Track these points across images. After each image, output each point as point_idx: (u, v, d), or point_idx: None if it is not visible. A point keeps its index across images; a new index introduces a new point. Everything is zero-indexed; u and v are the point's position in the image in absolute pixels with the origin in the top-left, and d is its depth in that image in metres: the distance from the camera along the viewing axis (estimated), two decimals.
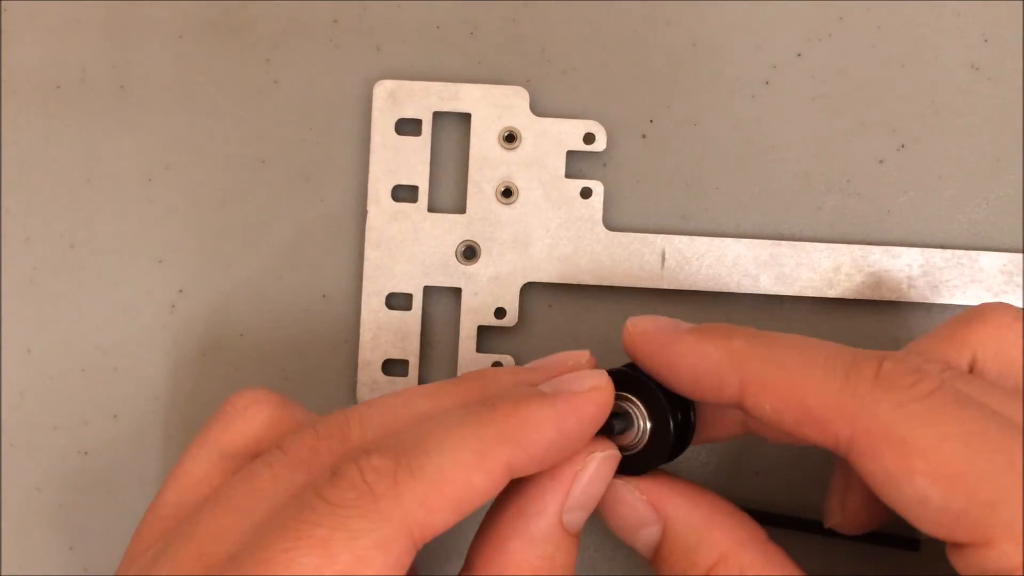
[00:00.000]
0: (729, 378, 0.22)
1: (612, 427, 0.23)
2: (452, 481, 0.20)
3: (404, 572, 0.20)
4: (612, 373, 0.24)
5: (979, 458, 0.19)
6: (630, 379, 0.24)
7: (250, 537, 0.20)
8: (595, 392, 0.23)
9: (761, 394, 0.21)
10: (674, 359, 0.23)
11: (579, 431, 0.22)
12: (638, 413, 0.24)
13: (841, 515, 0.26)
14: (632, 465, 0.24)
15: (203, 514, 0.21)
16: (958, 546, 0.20)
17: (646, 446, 0.24)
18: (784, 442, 0.25)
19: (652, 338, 0.23)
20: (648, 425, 0.24)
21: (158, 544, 0.22)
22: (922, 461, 0.19)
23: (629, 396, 0.24)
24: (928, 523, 0.20)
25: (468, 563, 0.23)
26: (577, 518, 0.23)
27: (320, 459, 0.22)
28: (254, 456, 0.23)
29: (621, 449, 0.24)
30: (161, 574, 0.21)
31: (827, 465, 0.30)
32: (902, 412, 0.20)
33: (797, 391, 0.21)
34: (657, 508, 0.23)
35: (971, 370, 0.23)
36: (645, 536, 0.23)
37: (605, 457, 0.23)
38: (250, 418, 0.24)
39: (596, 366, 0.24)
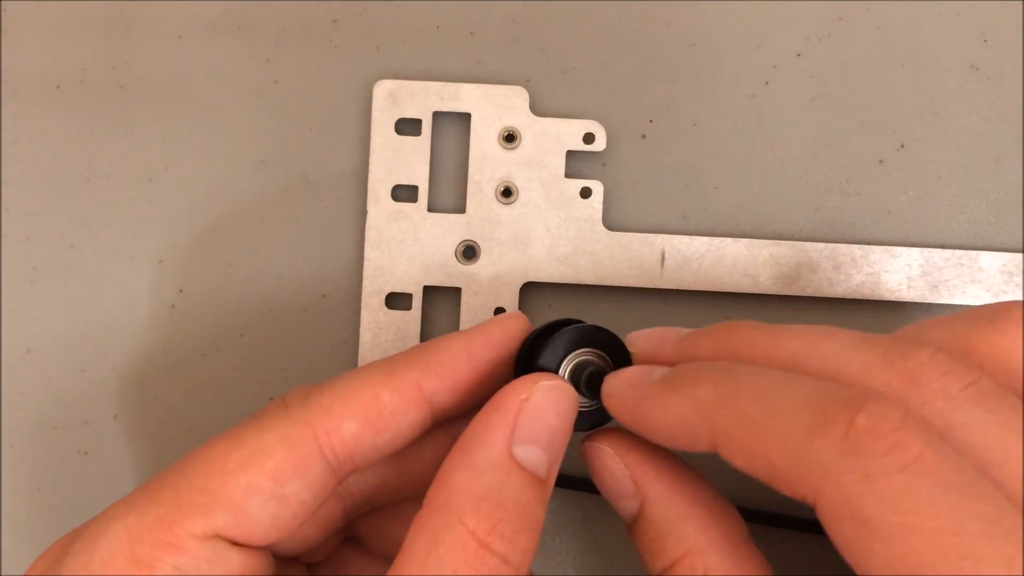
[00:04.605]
0: (699, 431, 0.21)
1: (580, 377, 0.24)
2: (359, 395, 0.22)
3: (316, 478, 0.22)
4: (580, 327, 0.24)
5: (942, 563, 0.17)
6: (598, 336, 0.24)
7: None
8: (506, 319, 0.25)
9: (730, 448, 0.20)
10: (645, 419, 0.22)
11: (488, 353, 0.24)
12: (605, 366, 0.24)
13: None
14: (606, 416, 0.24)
15: None
16: None
17: None
18: None
19: (621, 401, 0.23)
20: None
21: None
22: (882, 549, 0.18)
23: (598, 351, 0.24)
24: None
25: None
26: (529, 453, 0.22)
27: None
28: None
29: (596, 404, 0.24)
30: None
31: None
32: (868, 489, 0.18)
33: (761, 448, 0.20)
34: (638, 485, 0.23)
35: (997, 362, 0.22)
36: (624, 506, 0.23)
37: (552, 387, 0.23)
38: None
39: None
